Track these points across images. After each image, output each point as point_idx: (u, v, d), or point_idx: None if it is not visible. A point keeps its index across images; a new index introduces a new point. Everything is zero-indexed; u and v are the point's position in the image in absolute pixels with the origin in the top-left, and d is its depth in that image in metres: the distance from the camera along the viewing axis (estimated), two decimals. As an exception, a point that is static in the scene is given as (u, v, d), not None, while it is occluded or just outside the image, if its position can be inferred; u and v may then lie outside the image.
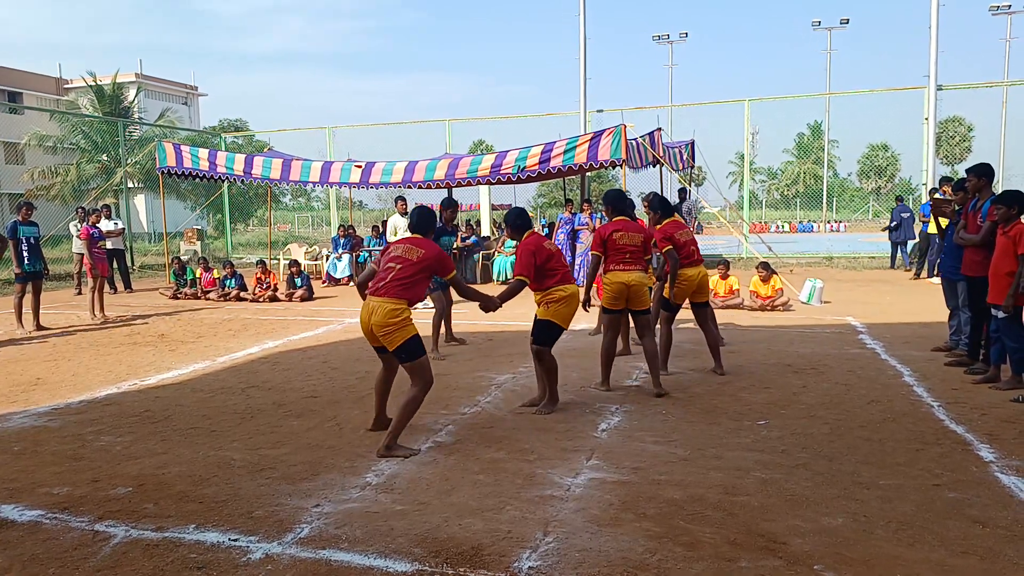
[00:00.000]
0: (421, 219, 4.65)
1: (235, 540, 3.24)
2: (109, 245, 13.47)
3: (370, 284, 4.55)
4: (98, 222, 10.70)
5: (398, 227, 11.28)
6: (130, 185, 22.51)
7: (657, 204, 6.51)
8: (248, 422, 5.13)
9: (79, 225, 13.40)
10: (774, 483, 3.79)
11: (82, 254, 13.78)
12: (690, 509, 3.44)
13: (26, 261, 9.15)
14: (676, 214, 6.85)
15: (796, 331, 8.34)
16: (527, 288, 5.08)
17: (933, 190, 13.96)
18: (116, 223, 14.37)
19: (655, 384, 5.59)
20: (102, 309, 10.20)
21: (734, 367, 6.48)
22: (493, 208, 26.97)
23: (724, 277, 10.19)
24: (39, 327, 9.35)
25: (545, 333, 5.11)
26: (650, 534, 3.22)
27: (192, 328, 9.48)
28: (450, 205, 7.80)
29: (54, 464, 4.29)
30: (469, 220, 22.28)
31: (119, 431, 4.93)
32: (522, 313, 8.55)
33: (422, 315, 9.03)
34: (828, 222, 40.89)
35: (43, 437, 4.83)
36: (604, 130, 12.40)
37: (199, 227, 22.56)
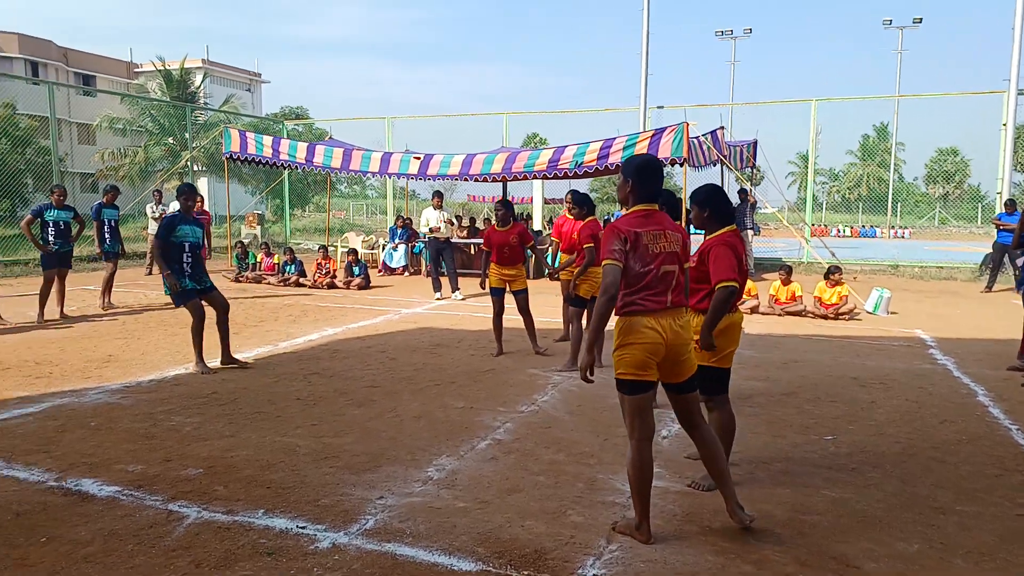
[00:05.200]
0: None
1: (303, 528, 3.30)
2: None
3: (638, 294, 3.13)
4: (201, 207, 10.86)
5: (430, 219, 11.45)
6: (194, 168, 23.18)
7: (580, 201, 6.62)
8: (311, 409, 5.22)
9: (155, 208, 13.88)
10: (845, 502, 3.68)
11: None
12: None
13: (107, 242, 9.60)
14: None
15: (862, 342, 8.08)
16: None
17: (1009, 201, 13.37)
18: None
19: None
20: None
21: (798, 378, 6.33)
22: (546, 202, 26.95)
23: (786, 282, 9.94)
24: (108, 305, 9.74)
25: (708, 380, 3.70)
26: (716, 549, 3.16)
27: (254, 312, 9.71)
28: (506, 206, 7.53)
29: (128, 441, 4.44)
30: (522, 213, 22.24)
31: (188, 412, 5.08)
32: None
33: (447, 309, 9.06)
34: (892, 228, 39.54)
35: (116, 414, 5.01)
36: (665, 127, 12.20)
37: (259, 212, 23.10)
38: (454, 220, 14.78)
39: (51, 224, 8.77)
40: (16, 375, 6.10)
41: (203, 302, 6.37)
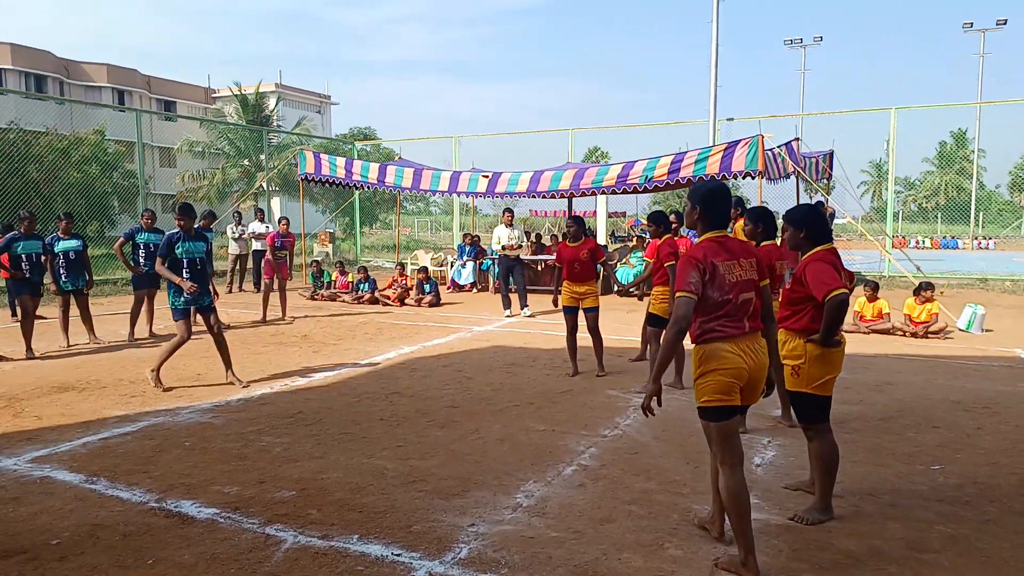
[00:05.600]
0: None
1: (398, 555, 3.29)
2: (257, 246, 14.40)
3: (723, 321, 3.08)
4: (287, 230, 11.08)
5: (501, 237, 11.44)
6: (266, 188, 23.96)
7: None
8: (395, 430, 5.25)
9: (235, 228, 14.51)
10: (963, 540, 3.44)
11: (237, 255, 14.90)
12: (872, 565, 3.18)
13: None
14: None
15: (958, 362, 7.66)
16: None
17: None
18: (267, 226, 15.31)
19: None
20: (284, 310, 10.89)
21: (894, 401, 6.02)
22: (610, 216, 26.74)
23: (872, 299, 9.53)
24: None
25: (807, 407, 3.60)
26: (829, 589, 2.99)
27: (331, 330, 9.90)
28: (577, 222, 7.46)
29: (222, 462, 4.55)
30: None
31: (277, 432, 5.17)
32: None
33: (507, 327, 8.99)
34: (975, 238, 37.64)
35: (209, 434, 5.14)
36: (739, 140, 11.93)
37: (330, 230, 23.67)
38: (526, 236, 14.71)
39: (142, 246, 9.15)
40: (113, 394, 6.36)
41: (199, 317, 6.74)
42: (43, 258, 8.35)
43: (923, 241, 37.66)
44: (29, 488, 4.09)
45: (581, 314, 7.16)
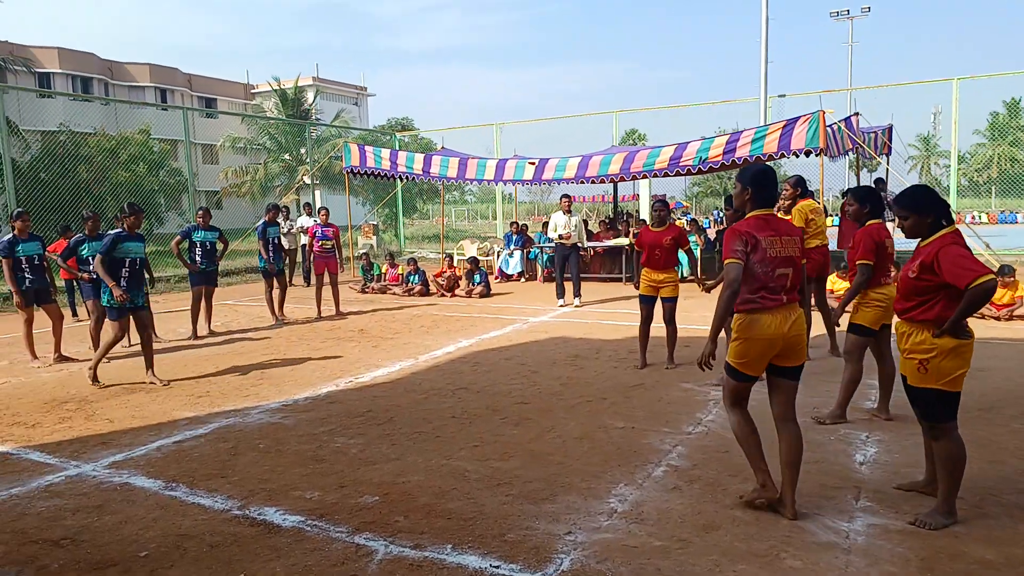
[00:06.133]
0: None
1: (496, 567, 3.12)
2: (304, 240, 14.37)
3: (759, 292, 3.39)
4: (326, 220, 11.00)
5: (558, 224, 11.10)
6: (308, 182, 24.08)
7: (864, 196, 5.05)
8: (468, 428, 5.09)
9: (284, 223, 14.46)
10: (1111, 548, 3.15)
11: (286, 249, 14.88)
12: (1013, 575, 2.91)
13: (273, 258, 10.01)
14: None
15: (1050, 346, 7.23)
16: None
17: None
18: (315, 220, 15.29)
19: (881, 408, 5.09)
20: (336, 305, 10.81)
21: (991, 389, 5.67)
22: (654, 198, 26.25)
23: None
24: (284, 317, 10.22)
25: (935, 405, 3.36)
26: (973, 605, 2.74)
27: (387, 324, 9.81)
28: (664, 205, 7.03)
29: (299, 465, 4.44)
30: (627, 211, 21.67)
31: (349, 432, 5.06)
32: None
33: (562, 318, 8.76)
34: (1035, 211, 36.15)
35: (282, 435, 5.05)
36: (799, 117, 11.47)
37: (373, 222, 23.69)
38: (585, 223, 14.29)
39: (198, 244, 9.15)
40: (179, 394, 6.33)
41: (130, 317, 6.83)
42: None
43: (979, 216, 36.31)
44: (111, 496, 4.03)
45: (658, 304, 6.89)
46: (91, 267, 7.53)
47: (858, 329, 4.96)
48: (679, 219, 18.51)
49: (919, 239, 3.45)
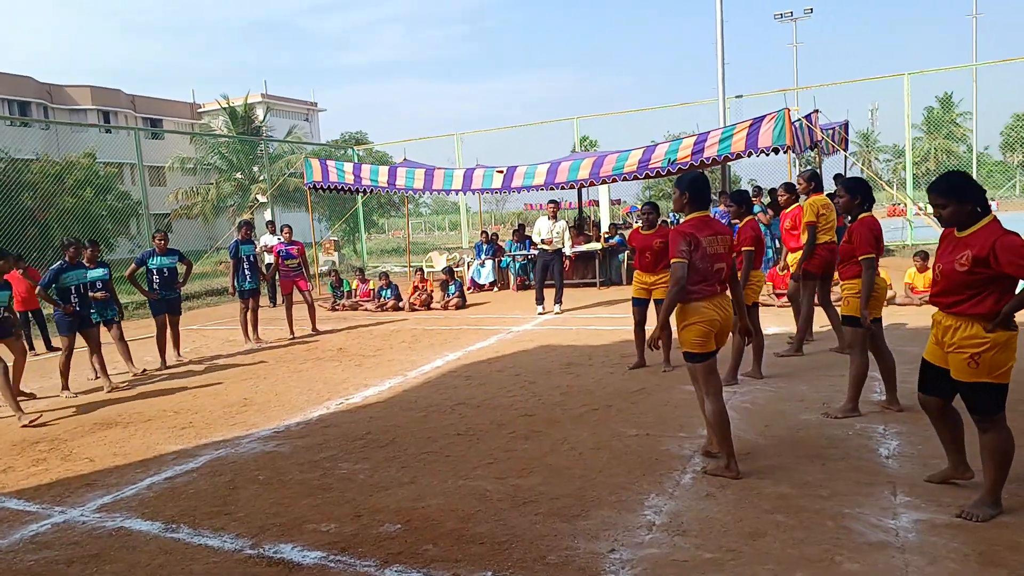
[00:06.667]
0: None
1: (545, 594, 2.94)
2: (270, 259, 13.93)
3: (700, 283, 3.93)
4: (290, 238, 10.70)
5: (542, 230, 10.98)
6: (263, 200, 23.51)
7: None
8: (477, 445, 4.89)
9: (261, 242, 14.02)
10: None
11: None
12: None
13: (248, 279, 9.62)
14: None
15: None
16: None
17: None
18: (279, 238, 14.86)
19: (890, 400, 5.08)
20: (313, 323, 10.52)
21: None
22: (613, 203, 26.33)
23: (922, 269, 9.23)
24: (258, 339, 9.80)
25: (987, 398, 3.29)
26: (1045, 598, 2.66)
27: (366, 341, 9.52)
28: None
29: (306, 495, 4.18)
30: (588, 217, 21.66)
31: (352, 457, 4.81)
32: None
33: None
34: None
35: (280, 464, 4.77)
36: (764, 116, 11.60)
37: (334, 238, 23.23)
38: (570, 228, 14.03)
39: (155, 272, 8.67)
40: (161, 426, 5.97)
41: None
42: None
43: (924, 207, 37.43)
44: (107, 543, 3.71)
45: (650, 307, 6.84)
46: (72, 298, 7.42)
47: (853, 321, 4.95)
48: (636, 223, 18.58)
49: (953, 228, 3.38)
